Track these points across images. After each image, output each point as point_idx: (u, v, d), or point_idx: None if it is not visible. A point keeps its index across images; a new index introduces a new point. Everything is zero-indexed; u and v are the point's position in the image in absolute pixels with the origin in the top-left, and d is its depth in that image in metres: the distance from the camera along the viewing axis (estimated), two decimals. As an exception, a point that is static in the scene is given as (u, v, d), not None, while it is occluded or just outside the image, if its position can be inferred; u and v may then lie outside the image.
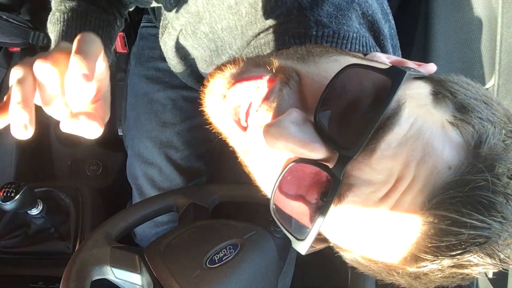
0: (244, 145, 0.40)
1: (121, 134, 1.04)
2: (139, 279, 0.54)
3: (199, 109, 0.87)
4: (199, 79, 0.75)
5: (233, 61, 0.39)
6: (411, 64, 0.42)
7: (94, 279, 0.54)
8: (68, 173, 1.13)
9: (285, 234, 0.60)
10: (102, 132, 0.39)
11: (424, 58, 0.80)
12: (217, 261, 0.53)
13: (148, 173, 0.88)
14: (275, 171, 0.36)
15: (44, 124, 1.11)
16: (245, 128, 0.38)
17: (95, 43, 0.37)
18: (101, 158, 1.12)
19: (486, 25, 0.78)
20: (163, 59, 0.90)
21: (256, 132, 0.37)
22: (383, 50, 0.53)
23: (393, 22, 0.58)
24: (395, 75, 0.32)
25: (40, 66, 0.35)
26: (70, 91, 0.36)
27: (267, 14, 0.50)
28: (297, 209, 0.36)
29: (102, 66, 0.38)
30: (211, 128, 0.44)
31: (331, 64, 0.38)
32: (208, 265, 0.52)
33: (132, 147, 0.91)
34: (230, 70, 0.38)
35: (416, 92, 0.35)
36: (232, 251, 0.54)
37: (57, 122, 0.38)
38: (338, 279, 0.94)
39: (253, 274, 0.54)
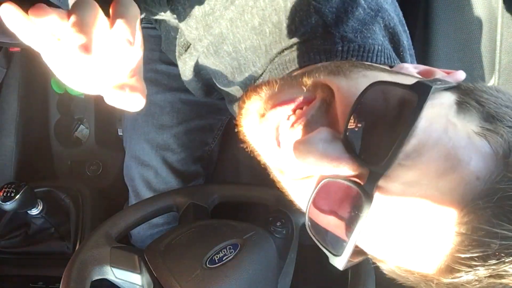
0: (279, 163, 0.41)
1: (121, 134, 1.04)
2: (139, 279, 0.54)
3: (196, 112, 0.87)
4: (208, 92, 0.76)
5: (267, 82, 0.40)
6: (439, 72, 0.42)
7: (94, 279, 0.54)
8: (68, 173, 1.13)
9: (285, 234, 0.61)
10: (102, 131, 0.39)
11: (424, 58, 0.80)
12: (217, 261, 0.53)
13: (144, 175, 0.88)
14: (309, 188, 0.37)
15: (44, 124, 1.11)
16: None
17: (132, 5, 0.35)
18: (101, 158, 1.12)
19: (486, 25, 0.78)
20: (162, 61, 0.90)
21: (288, 149, 0.38)
22: (402, 61, 0.53)
23: (408, 32, 0.58)
24: (421, 90, 0.32)
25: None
26: (114, 57, 0.34)
27: (291, 33, 0.50)
28: (332, 225, 0.37)
29: (138, 34, 0.37)
30: (245, 147, 0.45)
31: (360, 80, 0.38)
32: (208, 265, 0.52)
33: (129, 148, 0.91)
34: (266, 91, 0.40)
35: (438, 102, 0.34)
36: (232, 251, 0.54)
37: (57, 122, 0.38)
38: (338, 279, 0.94)
39: (253, 274, 0.54)
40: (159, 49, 0.90)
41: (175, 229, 0.58)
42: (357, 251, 0.38)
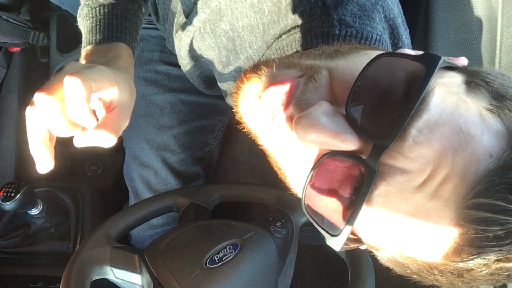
0: (275, 143, 0.40)
1: (121, 134, 1.04)
2: (139, 279, 0.54)
3: (197, 112, 0.87)
4: (207, 82, 0.75)
5: (265, 62, 0.39)
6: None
7: (94, 279, 0.54)
8: (68, 173, 1.13)
9: (285, 234, 0.61)
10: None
11: (424, 58, 0.80)
12: (217, 261, 0.53)
13: (144, 175, 0.88)
14: (306, 166, 0.36)
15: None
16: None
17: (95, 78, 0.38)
18: (101, 158, 1.12)
19: (486, 25, 0.78)
20: (162, 61, 0.90)
21: (283, 126, 0.36)
22: None
23: (408, 30, 0.57)
24: (430, 61, 0.31)
25: (40, 100, 0.37)
26: (73, 116, 0.38)
27: (290, 12, 0.49)
28: (330, 205, 0.35)
29: (112, 91, 0.41)
30: (242, 128, 0.44)
31: (361, 58, 0.37)
32: (208, 265, 0.52)
33: (129, 149, 0.91)
34: (265, 73, 0.38)
35: (448, 80, 0.34)
36: (232, 251, 0.54)
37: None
38: (338, 279, 0.94)
39: (253, 274, 0.54)
40: (160, 50, 0.90)
41: (175, 229, 0.58)
42: (354, 239, 0.37)
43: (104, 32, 0.56)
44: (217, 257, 0.53)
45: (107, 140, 0.40)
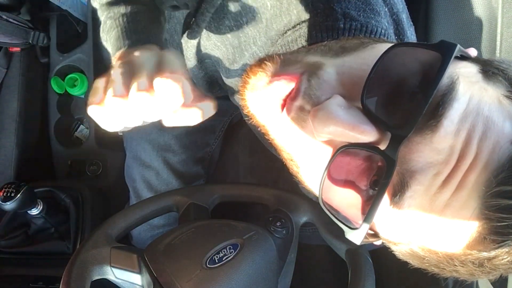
0: (286, 136, 0.40)
1: (121, 134, 1.04)
2: (139, 279, 0.54)
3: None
4: (210, 83, 0.75)
5: (271, 57, 0.39)
6: None
7: (94, 279, 0.54)
8: (68, 173, 1.13)
9: (285, 234, 0.61)
10: (102, 131, 0.39)
11: (424, 58, 0.80)
12: (217, 261, 0.53)
13: (145, 176, 0.88)
14: (322, 160, 0.35)
15: (44, 124, 1.11)
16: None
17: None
18: (101, 158, 1.12)
19: (486, 25, 0.78)
20: None
21: (295, 120, 0.36)
22: None
23: (414, 27, 0.56)
24: (445, 49, 0.31)
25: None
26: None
27: (292, 7, 0.49)
28: (349, 199, 0.35)
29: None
30: (249, 121, 0.44)
31: (368, 52, 0.37)
32: (208, 265, 0.52)
33: (130, 149, 0.91)
34: (271, 66, 0.38)
35: (465, 70, 0.34)
36: (232, 251, 0.54)
37: (57, 122, 0.38)
38: (338, 279, 0.94)
39: (253, 274, 0.54)
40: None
41: (175, 229, 0.58)
42: (372, 234, 0.37)
43: (131, 37, 0.55)
44: (217, 257, 0.53)
45: (195, 118, 0.40)
